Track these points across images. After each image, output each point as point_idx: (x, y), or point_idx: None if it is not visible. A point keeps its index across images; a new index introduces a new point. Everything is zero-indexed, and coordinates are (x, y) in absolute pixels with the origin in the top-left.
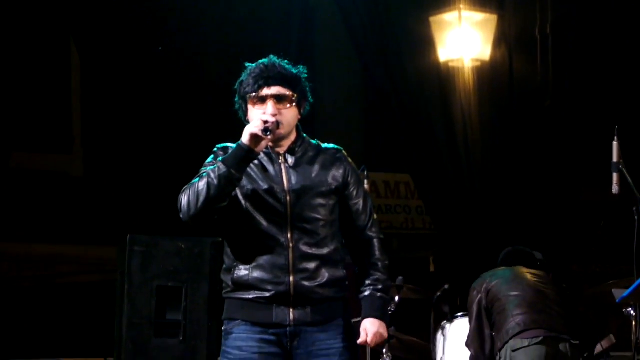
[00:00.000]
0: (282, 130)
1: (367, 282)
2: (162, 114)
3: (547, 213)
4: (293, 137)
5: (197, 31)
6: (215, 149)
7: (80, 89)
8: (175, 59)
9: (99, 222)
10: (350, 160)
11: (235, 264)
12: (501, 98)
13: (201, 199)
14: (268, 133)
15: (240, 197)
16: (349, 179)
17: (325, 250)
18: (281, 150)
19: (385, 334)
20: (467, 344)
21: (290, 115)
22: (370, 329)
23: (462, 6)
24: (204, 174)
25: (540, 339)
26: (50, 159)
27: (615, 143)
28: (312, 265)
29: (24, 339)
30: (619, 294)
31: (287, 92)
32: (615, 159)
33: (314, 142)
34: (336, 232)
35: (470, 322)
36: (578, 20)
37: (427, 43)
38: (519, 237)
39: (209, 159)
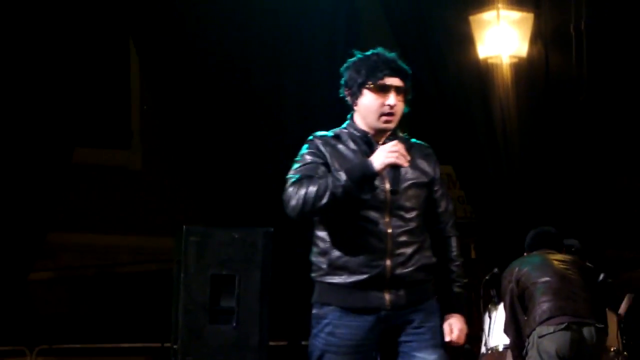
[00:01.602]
0: (394, 123)
1: (449, 278)
2: (215, 111)
3: (584, 200)
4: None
5: (247, 34)
6: (311, 138)
7: (139, 87)
8: (226, 58)
9: (156, 214)
10: (436, 157)
11: (331, 246)
12: (538, 92)
13: (320, 204)
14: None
15: None
16: (437, 175)
17: (419, 238)
18: (380, 139)
19: (467, 330)
20: (505, 331)
21: (401, 109)
22: (456, 324)
23: (500, 5)
24: (326, 179)
25: (565, 325)
26: (110, 154)
27: None
28: (408, 251)
29: (87, 324)
30: None
31: (405, 86)
32: None
33: (404, 135)
34: (425, 223)
35: (505, 310)
36: (611, 17)
37: (467, 40)
38: (555, 223)
39: (304, 149)
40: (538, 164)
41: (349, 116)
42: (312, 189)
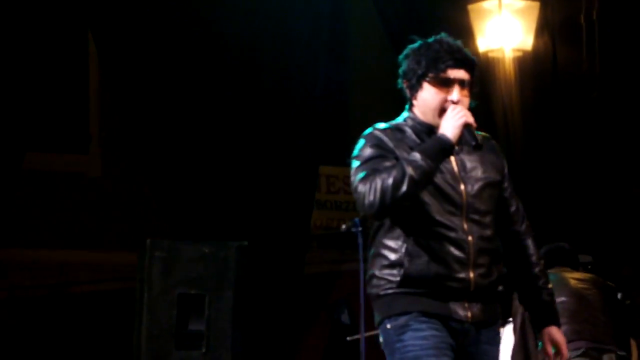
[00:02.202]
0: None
1: (536, 285)
2: (182, 112)
3: (595, 211)
4: None
5: (219, 29)
6: (370, 131)
7: (98, 86)
8: (194, 56)
9: (117, 226)
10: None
11: (406, 257)
12: (544, 90)
13: (400, 192)
14: (469, 135)
15: None
16: (506, 170)
17: (495, 244)
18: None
19: None
20: (512, 358)
21: (467, 102)
22: (560, 339)
23: None
24: (401, 164)
25: (582, 350)
26: (65, 159)
27: None
28: (487, 260)
29: (38, 350)
30: None
31: (469, 78)
32: None
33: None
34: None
35: (514, 333)
36: (627, 5)
37: (465, 32)
38: (563, 237)
39: (363, 144)
40: (544, 169)
41: (406, 107)
42: (388, 178)
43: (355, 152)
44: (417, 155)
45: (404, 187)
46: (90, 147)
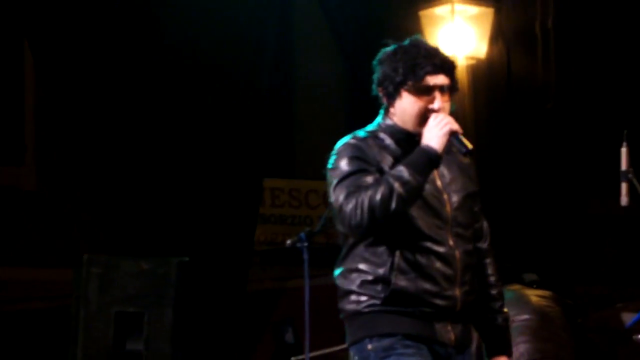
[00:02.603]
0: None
1: (491, 307)
2: (120, 123)
3: (548, 227)
4: None
5: (162, 37)
6: (348, 141)
7: (34, 95)
8: (134, 68)
9: (53, 241)
10: None
11: (392, 271)
12: (498, 100)
13: (389, 210)
14: (457, 144)
15: None
16: (477, 183)
17: (475, 261)
18: None
19: None
20: None
21: (448, 108)
22: None
23: None
24: (384, 182)
25: None
26: None
27: (623, 149)
28: (470, 277)
29: None
30: (629, 318)
31: (451, 83)
32: (624, 167)
33: None
34: None
35: None
36: (584, 14)
37: None
38: (516, 253)
39: (342, 155)
40: (497, 183)
41: (381, 112)
42: (375, 196)
43: (333, 164)
44: (404, 171)
45: (393, 205)
46: (25, 159)
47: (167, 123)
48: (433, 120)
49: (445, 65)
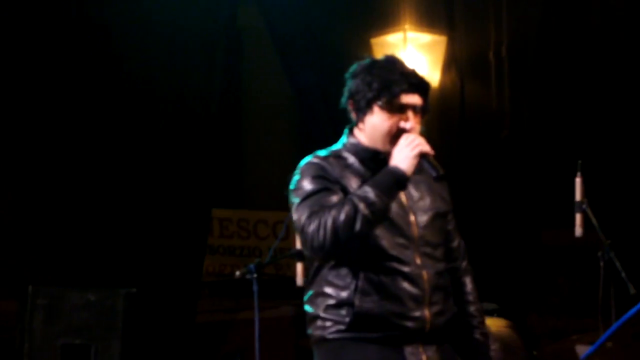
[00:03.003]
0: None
1: (470, 324)
2: (66, 150)
3: (502, 258)
4: None
5: (112, 52)
6: (309, 160)
7: None
8: (77, 94)
9: None
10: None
11: (356, 294)
12: (451, 129)
13: (353, 232)
14: (427, 165)
15: None
16: (450, 204)
17: (447, 281)
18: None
19: None
20: None
21: (419, 129)
22: None
23: (407, 26)
24: (349, 202)
25: None
26: None
27: (578, 180)
28: (441, 297)
29: None
30: (583, 350)
31: (424, 104)
32: (578, 197)
33: None
34: None
35: None
36: (538, 42)
37: None
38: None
39: (304, 175)
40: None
41: (346, 131)
42: (339, 216)
43: (295, 184)
44: (370, 191)
45: (357, 226)
46: None
47: (114, 150)
48: (404, 140)
49: (421, 86)
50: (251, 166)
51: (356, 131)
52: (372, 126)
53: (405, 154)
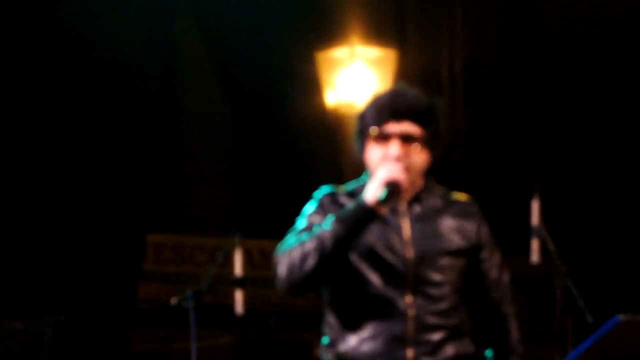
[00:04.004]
0: (408, 178)
1: None
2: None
3: None
4: (419, 182)
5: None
6: (318, 196)
7: None
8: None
9: None
10: (482, 216)
11: (340, 335)
12: None
13: (308, 265)
14: (387, 196)
15: (352, 251)
16: (483, 238)
17: (451, 320)
18: (404, 197)
19: None
20: None
21: (418, 159)
22: None
23: (355, 40)
24: (313, 234)
25: None
26: None
27: (534, 203)
28: (435, 338)
29: None
30: None
31: (417, 130)
32: (534, 222)
33: (443, 190)
34: (462, 300)
35: None
36: (494, 58)
37: (312, 84)
38: None
39: (312, 210)
40: None
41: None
42: (299, 250)
43: (301, 215)
44: (329, 223)
45: (311, 261)
46: None
47: (42, 172)
48: (381, 167)
49: (412, 112)
50: (188, 189)
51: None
52: (368, 160)
53: (374, 183)
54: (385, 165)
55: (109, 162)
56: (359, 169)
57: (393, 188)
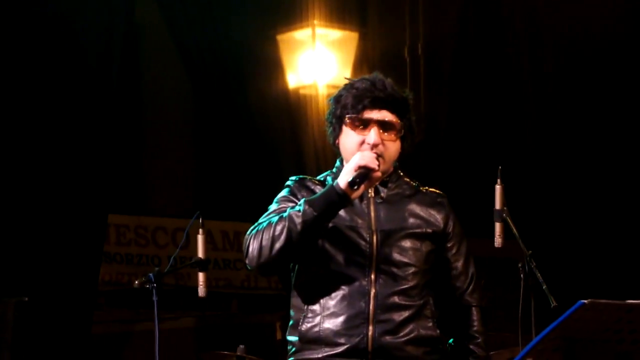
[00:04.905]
0: (381, 166)
1: (469, 358)
2: None
3: None
4: (389, 169)
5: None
6: (290, 182)
7: None
8: None
9: None
10: (452, 209)
11: (304, 315)
12: None
13: (277, 246)
14: (358, 181)
15: None
16: (450, 229)
17: (415, 302)
18: (371, 187)
19: None
20: None
21: (393, 148)
22: None
23: (316, 22)
24: (284, 215)
25: None
26: None
27: (498, 187)
28: (397, 317)
29: None
30: None
31: (395, 120)
32: (497, 205)
33: (414, 181)
34: (429, 286)
35: None
36: (456, 40)
37: (274, 66)
38: None
39: (284, 193)
40: None
41: (339, 159)
42: (268, 231)
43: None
44: (304, 207)
45: (279, 242)
46: None
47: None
48: (357, 154)
49: (390, 101)
50: (150, 170)
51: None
52: (343, 145)
53: (347, 168)
54: (361, 151)
55: (69, 143)
56: (320, 150)
57: (367, 174)
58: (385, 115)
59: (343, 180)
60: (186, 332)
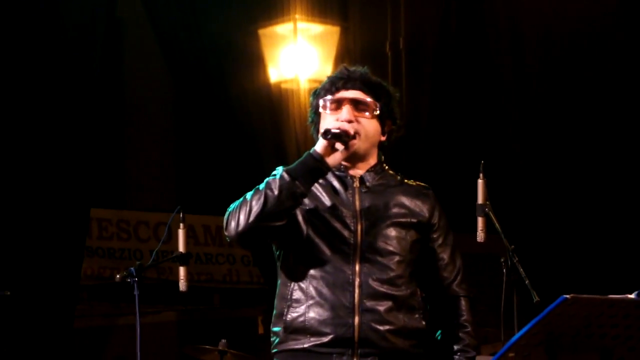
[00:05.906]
0: (358, 143)
1: (456, 347)
2: None
3: None
4: (373, 161)
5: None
6: (276, 172)
7: None
8: None
9: None
10: (438, 202)
11: (289, 304)
12: None
13: (254, 212)
14: (332, 133)
15: (301, 220)
16: (435, 219)
17: (400, 292)
18: (356, 173)
19: None
20: None
21: (370, 126)
22: None
23: (297, 16)
24: (262, 184)
25: None
26: None
27: (480, 181)
28: (383, 306)
29: None
30: None
31: (368, 99)
32: (480, 200)
33: (397, 175)
34: (414, 276)
35: None
36: (438, 35)
37: (255, 60)
38: None
39: (268, 178)
40: None
41: None
42: (247, 199)
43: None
44: (282, 173)
45: (259, 206)
46: None
47: None
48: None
49: (363, 82)
50: (131, 164)
51: None
52: (322, 128)
53: (321, 139)
54: (336, 122)
55: (51, 137)
56: (302, 144)
57: (340, 135)
58: (358, 94)
59: (318, 145)
60: (168, 326)
